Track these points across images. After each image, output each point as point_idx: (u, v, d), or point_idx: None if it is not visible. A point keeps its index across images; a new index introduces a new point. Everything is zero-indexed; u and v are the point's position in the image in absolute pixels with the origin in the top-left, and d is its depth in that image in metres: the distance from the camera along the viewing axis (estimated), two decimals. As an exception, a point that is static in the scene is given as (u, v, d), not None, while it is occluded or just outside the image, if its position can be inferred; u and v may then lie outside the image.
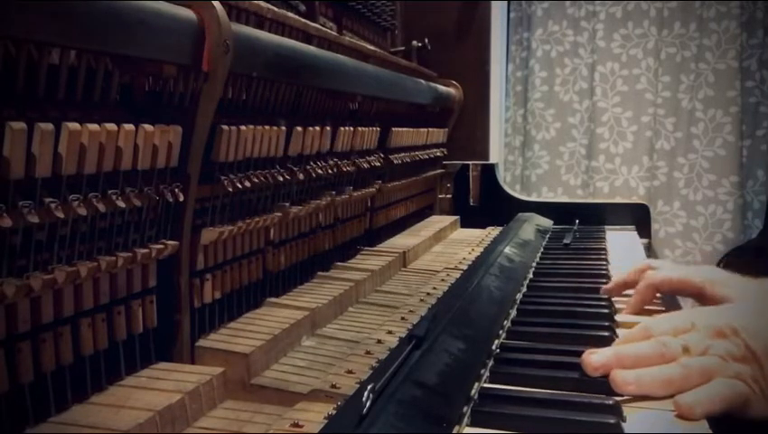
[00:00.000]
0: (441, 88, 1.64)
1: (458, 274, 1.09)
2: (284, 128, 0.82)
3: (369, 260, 1.13)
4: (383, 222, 1.34)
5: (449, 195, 1.82)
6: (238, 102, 0.79)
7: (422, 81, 1.49)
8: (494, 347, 0.70)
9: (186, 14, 0.63)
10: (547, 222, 1.60)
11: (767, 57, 2.37)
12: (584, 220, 1.57)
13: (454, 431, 0.53)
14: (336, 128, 1.00)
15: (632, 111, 2.50)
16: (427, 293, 1.00)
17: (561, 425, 0.53)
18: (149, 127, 0.59)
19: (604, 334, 0.74)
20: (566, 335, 0.75)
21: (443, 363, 0.61)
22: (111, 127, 0.55)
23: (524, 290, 0.97)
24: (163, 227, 0.66)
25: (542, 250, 1.29)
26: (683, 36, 2.43)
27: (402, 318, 0.87)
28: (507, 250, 1.12)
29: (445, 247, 1.40)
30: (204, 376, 0.62)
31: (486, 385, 0.62)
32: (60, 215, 0.52)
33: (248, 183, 0.76)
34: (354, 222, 1.18)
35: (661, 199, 2.48)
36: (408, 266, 1.20)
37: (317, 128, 0.92)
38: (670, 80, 2.45)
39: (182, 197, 0.66)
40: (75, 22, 0.50)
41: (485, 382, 0.63)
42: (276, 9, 0.84)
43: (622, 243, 1.41)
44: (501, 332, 0.76)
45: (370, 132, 1.14)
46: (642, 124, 2.49)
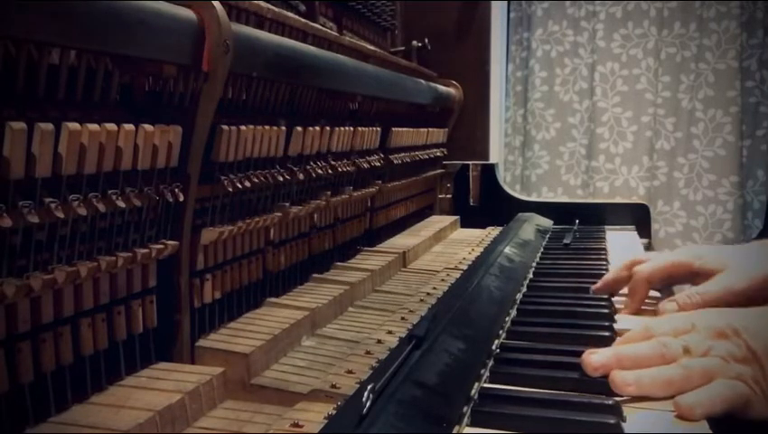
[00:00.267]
0: (441, 88, 1.64)
1: (458, 274, 1.09)
2: (284, 128, 0.82)
3: (369, 260, 1.13)
4: (383, 222, 1.34)
5: (449, 195, 1.82)
6: (238, 102, 0.79)
7: (422, 81, 1.49)
8: (494, 347, 0.70)
9: (186, 14, 0.63)
10: (547, 222, 1.60)
11: (767, 57, 2.37)
12: (584, 220, 1.57)
13: (454, 431, 0.53)
14: (336, 128, 1.00)
15: (632, 111, 2.50)
16: (427, 293, 0.99)
17: (561, 425, 0.53)
18: (149, 127, 0.59)
19: (604, 334, 0.75)
20: (566, 335, 0.75)
21: (443, 363, 0.61)
22: (111, 127, 0.55)
23: (524, 290, 0.97)
24: (163, 227, 0.66)
25: (542, 250, 1.28)
26: (683, 36, 2.43)
27: (402, 318, 0.87)
28: (507, 250, 1.12)
29: (445, 247, 1.40)
30: (204, 376, 0.62)
31: (486, 385, 0.62)
32: (60, 215, 0.52)
33: (248, 184, 0.76)
34: (354, 222, 1.18)
35: (661, 199, 2.48)
36: (408, 266, 1.20)
37: (317, 128, 0.92)
38: (670, 80, 2.45)
39: (182, 197, 0.66)
40: (75, 22, 0.50)
41: (485, 381, 0.63)
42: (276, 9, 0.84)
43: (622, 243, 1.41)
44: (501, 332, 0.76)
45: (371, 132, 1.14)
46: (642, 124, 2.49)
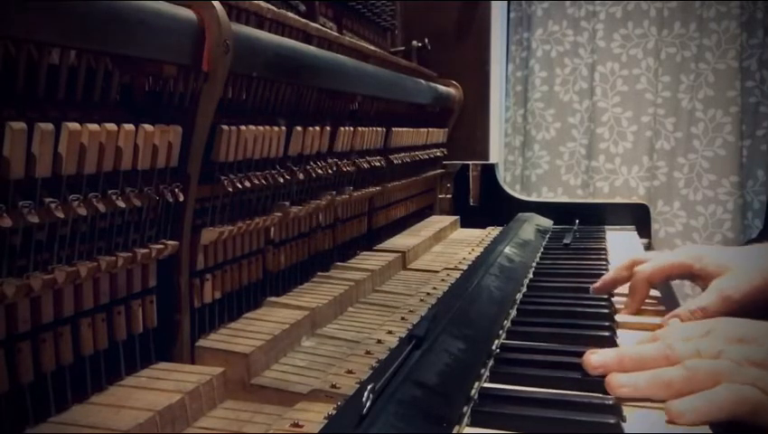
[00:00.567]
0: (441, 88, 1.64)
1: (458, 274, 1.09)
2: (284, 128, 0.82)
3: (369, 260, 1.13)
4: (383, 222, 1.34)
5: (449, 195, 1.82)
6: (238, 102, 0.79)
7: (422, 81, 1.49)
8: (494, 347, 0.70)
9: (186, 14, 0.63)
10: (547, 222, 1.60)
11: (767, 57, 2.37)
12: (584, 220, 1.57)
13: (454, 431, 0.53)
14: (336, 129, 1.00)
15: (632, 111, 2.50)
16: (427, 293, 1.00)
17: (561, 425, 0.53)
18: (149, 127, 0.59)
19: (604, 334, 0.75)
20: (566, 335, 0.75)
21: (443, 363, 0.61)
22: (111, 127, 0.55)
23: (524, 290, 0.97)
24: (163, 227, 0.66)
25: (542, 250, 1.28)
26: (683, 36, 2.43)
27: (402, 318, 0.87)
28: (507, 250, 1.12)
29: (445, 247, 1.40)
30: (204, 376, 0.62)
31: (486, 385, 0.62)
32: (60, 215, 0.52)
33: (248, 184, 0.76)
34: (354, 222, 1.18)
35: (661, 199, 2.48)
36: (408, 266, 1.20)
37: (317, 128, 0.92)
38: (670, 80, 2.45)
39: (182, 197, 0.66)
40: (75, 22, 0.50)
41: (485, 381, 0.63)
42: (276, 9, 0.84)
43: (622, 243, 1.41)
44: (501, 332, 0.76)
45: (371, 132, 1.14)
46: (642, 124, 2.49)
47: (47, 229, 0.52)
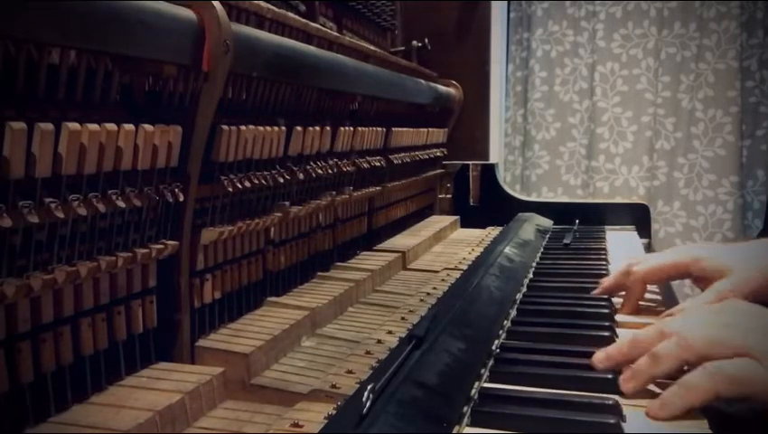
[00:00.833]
0: (441, 88, 1.64)
1: (458, 274, 1.09)
2: (284, 128, 0.82)
3: (369, 260, 1.13)
4: (383, 222, 1.34)
5: (449, 195, 1.82)
6: (238, 102, 0.79)
7: (422, 81, 1.49)
8: (494, 347, 0.70)
9: (186, 14, 0.63)
10: (547, 222, 1.60)
11: (767, 57, 2.37)
12: (584, 220, 1.57)
13: (454, 431, 0.53)
14: (336, 128, 1.00)
15: (632, 111, 2.50)
16: (427, 293, 1.00)
17: (561, 425, 0.53)
18: (149, 127, 0.59)
19: (604, 334, 0.75)
20: (566, 335, 0.75)
21: (443, 363, 0.61)
22: (111, 127, 0.55)
23: (524, 290, 0.97)
24: (163, 227, 0.66)
25: (542, 250, 1.28)
26: (683, 36, 2.43)
27: (402, 318, 0.87)
28: (507, 250, 1.12)
29: (445, 247, 1.40)
30: (204, 376, 0.62)
31: (486, 385, 0.62)
32: (60, 215, 0.52)
33: (248, 184, 0.76)
34: (354, 222, 1.18)
35: (661, 199, 2.48)
36: (408, 266, 1.20)
37: (317, 128, 0.92)
38: (670, 80, 2.45)
39: (182, 197, 0.66)
40: (75, 22, 0.50)
41: (485, 381, 0.63)
42: (276, 9, 0.84)
43: (622, 243, 1.41)
44: (501, 332, 0.76)
45: (371, 132, 1.14)
46: (642, 124, 2.49)
47: (47, 229, 0.52)
